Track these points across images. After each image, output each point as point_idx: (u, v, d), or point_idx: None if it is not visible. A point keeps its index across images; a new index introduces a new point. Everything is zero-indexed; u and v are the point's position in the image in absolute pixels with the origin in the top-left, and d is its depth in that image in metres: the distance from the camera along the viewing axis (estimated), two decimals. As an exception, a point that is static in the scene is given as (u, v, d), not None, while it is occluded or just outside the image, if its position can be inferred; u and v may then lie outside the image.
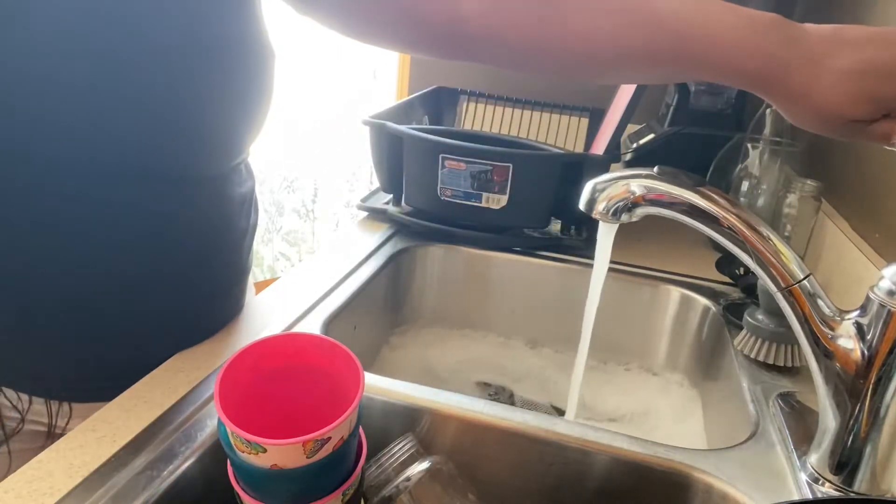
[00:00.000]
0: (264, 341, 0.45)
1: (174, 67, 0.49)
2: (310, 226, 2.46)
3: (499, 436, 0.55)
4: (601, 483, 0.53)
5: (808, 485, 0.49)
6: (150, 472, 0.46)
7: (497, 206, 0.88)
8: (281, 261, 2.48)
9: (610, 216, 0.53)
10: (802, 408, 0.59)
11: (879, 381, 0.44)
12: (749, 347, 0.67)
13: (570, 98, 1.23)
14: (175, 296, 0.59)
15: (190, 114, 0.51)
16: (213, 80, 0.52)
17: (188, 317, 0.61)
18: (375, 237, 0.91)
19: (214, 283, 0.63)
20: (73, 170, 0.49)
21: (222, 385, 0.41)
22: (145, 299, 0.56)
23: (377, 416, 0.57)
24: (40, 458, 0.46)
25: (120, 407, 0.52)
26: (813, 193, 0.83)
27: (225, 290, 0.65)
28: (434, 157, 0.87)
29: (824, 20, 1.08)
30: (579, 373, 0.64)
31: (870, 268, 0.68)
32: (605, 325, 0.77)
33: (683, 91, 1.15)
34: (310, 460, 0.39)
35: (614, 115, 0.95)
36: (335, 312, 0.71)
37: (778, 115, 0.89)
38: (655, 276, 0.86)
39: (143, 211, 0.53)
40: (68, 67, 0.46)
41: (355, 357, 0.44)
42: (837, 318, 0.46)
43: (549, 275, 0.89)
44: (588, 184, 0.54)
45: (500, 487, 0.57)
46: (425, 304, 0.93)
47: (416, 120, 1.17)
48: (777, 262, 0.47)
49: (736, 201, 0.49)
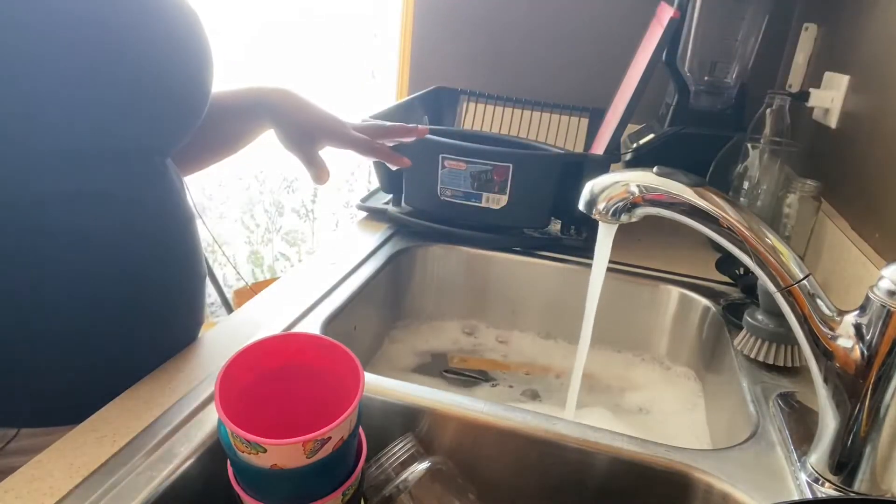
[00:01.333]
0: (264, 341, 0.45)
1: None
2: (309, 226, 2.46)
3: (499, 436, 0.55)
4: (601, 483, 0.53)
5: (808, 485, 0.49)
6: (150, 472, 0.45)
7: (497, 206, 0.88)
8: (280, 261, 2.48)
9: (609, 216, 0.53)
10: (802, 408, 0.59)
11: (879, 380, 0.44)
12: (749, 347, 0.67)
13: (570, 98, 1.23)
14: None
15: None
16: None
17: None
18: (375, 237, 0.91)
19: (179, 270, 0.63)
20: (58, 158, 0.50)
21: (222, 385, 0.41)
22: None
23: (377, 416, 0.57)
24: (40, 459, 0.46)
25: (120, 407, 0.52)
26: (813, 193, 0.83)
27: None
28: (434, 157, 0.87)
29: (824, 20, 1.08)
30: (579, 371, 0.64)
31: (869, 268, 0.68)
32: (605, 326, 0.77)
33: (683, 91, 1.15)
34: (310, 460, 0.39)
35: (614, 115, 0.95)
36: (335, 312, 0.71)
37: (778, 115, 0.89)
38: (655, 276, 0.86)
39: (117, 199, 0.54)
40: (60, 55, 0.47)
41: (355, 357, 0.44)
42: (837, 318, 0.46)
43: (549, 275, 0.89)
44: (588, 184, 0.54)
45: (500, 487, 0.57)
46: (425, 304, 0.93)
47: (416, 120, 1.17)
48: (776, 262, 0.47)
49: (735, 201, 0.49)
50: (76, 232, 0.53)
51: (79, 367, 0.56)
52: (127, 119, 0.54)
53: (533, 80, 1.42)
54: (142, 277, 0.58)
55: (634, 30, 1.05)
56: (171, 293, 0.62)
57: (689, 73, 1.17)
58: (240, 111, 0.73)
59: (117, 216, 0.55)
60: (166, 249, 0.60)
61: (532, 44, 1.41)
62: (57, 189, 0.51)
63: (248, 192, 2.35)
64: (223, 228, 2.36)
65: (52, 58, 0.48)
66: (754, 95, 1.09)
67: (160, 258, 0.59)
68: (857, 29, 0.88)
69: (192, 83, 0.59)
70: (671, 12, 0.83)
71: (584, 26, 1.37)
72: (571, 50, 1.39)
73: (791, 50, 1.17)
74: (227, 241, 2.37)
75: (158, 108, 0.56)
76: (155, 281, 0.59)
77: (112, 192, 0.55)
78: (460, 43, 1.45)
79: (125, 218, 0.56)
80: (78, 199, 0.52)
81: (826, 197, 0.85)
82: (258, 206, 2.39)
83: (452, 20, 1.44)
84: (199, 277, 0.66)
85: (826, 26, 1.03)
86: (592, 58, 1.38)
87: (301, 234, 2.47)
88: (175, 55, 0.57)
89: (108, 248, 0.55)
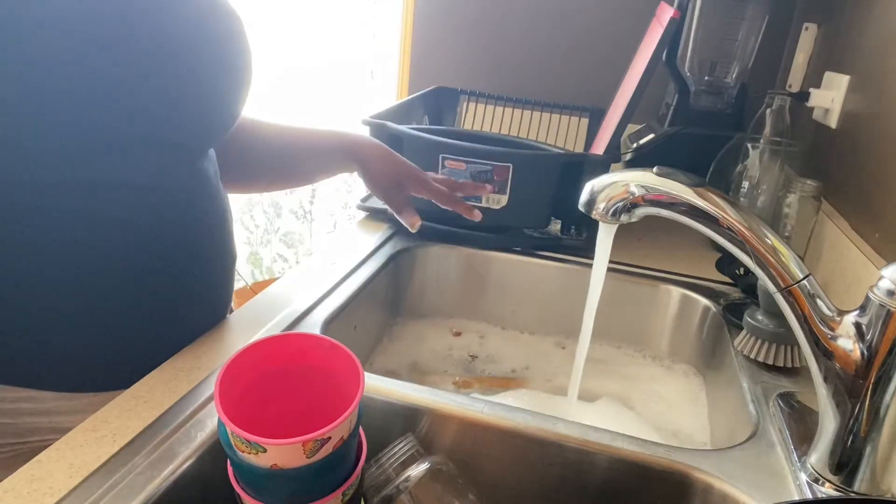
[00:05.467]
0: (264, 341, 0.45)
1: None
2: (307, 227, 2.45)
3: (499, 436, 0.55)
4: (601, 483, 0.53)
5: (808, 485, 0.49)
6: (150, 472, 0.45)
7: (497, 206, 0.88)
8: (279, 262, 2.48)
9: (609, 216, 0.53)
10: (802, 408, 0.59)
11: (879, 380, 0.44)
12: (749, 348, 0.67)
13: (570, 98, 1.23)
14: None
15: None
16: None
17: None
18: (375, 237, 0.91)
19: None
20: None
21: (222, 385, 0.41)
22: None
23: (377, 416, 0.57)
24: (40, 458, 0.46)
25: (120, 407, 0.52)
26: (813, 193, 0.83)
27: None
28: (434, 157, 0.87)
29: (824, 20, 1.08)
30: (579, 372, 0.64)
31: (869, 268, 0.68)
32: (605, 325, 0.77)
33: (683, 91, 1.15)
34: (310, 460, 0.39)
35: (614, 115, 0.95)
36: (335, 312, 0.71)
37: (778, 115, 0.89)
38: (655, 276, 0.86)
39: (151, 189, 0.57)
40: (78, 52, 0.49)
41: (355, 357, 0.44)
42: (837, 318, 0.46)
43: (549, 275, 0.89)
44: (587, 184, 0.54)
45: (500, 487, 0.57)
46: (425, 303, 0.93)
47: (416, 120, 1.17)
48: (776, 262, 0.47)
49: (735, 201, 0.49)
50: (112, 218, 0.55)
51: (114, 344, 0.59)
52: (156, 115, 0.55)
53: (533, 80, 1.42)
54: (173, 260, 0.60)
55: (634, 30, 1.05)
56: (200, 274, 0.64)
57: (689, 73, 1.17)
58: (325, 152, 0.79)
59: (146, 205, 0.57)
60: (196, 236, 0.63)
61: (532, 44, 1.41)
62: (78, 177, 0.53)
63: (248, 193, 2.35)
64: (223, 229, 2.35)
65: (73, 50, 0.49)
66: (754, 95, 1.09)
67: (191, 242, 0.62)
68: (857, 29, 0.88)
69: (227, 86, 0.61)
70: (671, 12, 0.83)
71: (583, 26, 1.37)
72: (571, 50, 1.39)
73: (791, 50, 1.17)
74: (227, 242, 2.37)
75: (190, 106, 0.58)
76: (186, 263, 0.62)
77: (138, 182, 0.56)
78: (460, 43, 1.45)
79: (155, 206, 0.58)
80: (99, 187, 0.54)
81: (826, 197, 0.85)
82: (257, 208, 2.39)
83: (452, 20, 1.44)
84: (229, 259, 0.69)
85: (826, 26, 1.03)
86: (592, 58, 1.38)
87: (299, 235, 2.47)
88: (212, 56, 0.58)
89: (136, 233, 0.57)
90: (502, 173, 0.85)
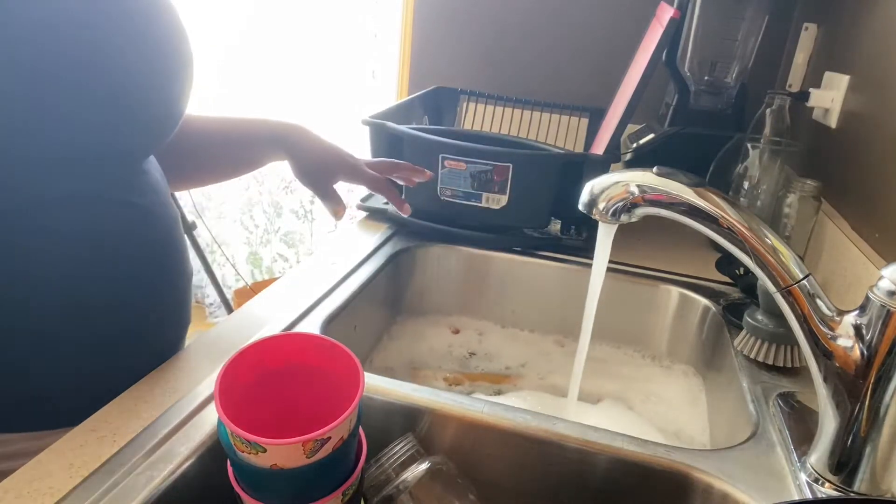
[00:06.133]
0: (264, 341, 0.45)
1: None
2: (308, 227, 2.45)
3: (499, 436, 0.55)
4: (601, 483, 0.53)
5: (808, 485, 0.49)
6: (150, 472, 0.45)
7: (497, 206, 0.88)
8: (279, 262, 2.48)
9: (609, 216, 0.53)
10: (802, 408, 0.59)
11: (879, 381, 0.44)
12: (749, 348, 0.67)
13: (570, 98, 1.23)
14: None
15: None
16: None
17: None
18: (375, 237, 0.91)
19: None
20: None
21: (222, 385, 0.41)
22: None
23: (377, 416, 0.57)
24: (40, 458, 0.46)
25: (120, 407, 0.52)
26: (813, 193, 0.83)
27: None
28: (434, 157, 0.87)
29: (824, 20, 1.08)
30: (579, 372, 0.64)
31: (869, 268, 0.68)
32: (605, 325, 0.77)
33: (683, 91, 1.15)
34: (310, 460, 0.39)
35: (614, 115, 0.95)
36: (335, 312, 0.71)
37: (778, 115, 0.89)
38: (655, 276, 0.86)
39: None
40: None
41: (355, 357, 0.44)
42: (837, 318, 0.46)
43: (549, 274, 0.89)
44: (587, 184, 0.54)
45: (500, 487, 0.57)
46: (425, 303, 0.93)
47: (416, 120, 1.17)
48: (776, 262, 0.47)
49: (735, 201, 0.49)
50: (63, 233, 0.52)
51: (71, 369, 0.56)
52: (97, 124, 0.52)
53: (533, 80, 1.42)
54: (131, 276, 0.58)
55: (634, 30, 1.05)
56: (159, 291, 0.62)
57: (689, 73, 1.17)
58: (253, 141, 0.75)
59: (102, 217, 0.55)
60: (153, 248, 0.60)
61: (532, 44, 1.41)
62: (34, 194, 0.50)
63: (248, 193, 2.35)
64: (222, 229, 2.36)
65: (23, 61, 0.46)
66: (754, 95, 1.09)
67: (149, 257, 0.60)
68: (857, 29, 0.88)
69: (169, 85, 0.58)
70: (671, 12, 0.83)
71: (583, 26, 1.37)
72: (571, 50, 1.39)
73: (791, 50, 1.17)
74: (226, 242, 2.37)
75: (132, 112, 0.55)
76: (144, 279, 0.59)
77: (90, 193, 0.54)
78: (460, 43, 1.45)
79: (111, 218, 0.55)
80: (62, 201, 0.52)
81: (826, 197, 0.85)
82: (257, 207, 2.39)
83: (452, 20, 1.44)
84: (185, 276, 0.66)
85: (826, 26, 1.03)
86: (592, 58, 1.38)
87: (300, 235, 2.47)
88: (151, 56, 0.55)
89: (96, 249, 0.55)
90: (502, 173, 0.86)
